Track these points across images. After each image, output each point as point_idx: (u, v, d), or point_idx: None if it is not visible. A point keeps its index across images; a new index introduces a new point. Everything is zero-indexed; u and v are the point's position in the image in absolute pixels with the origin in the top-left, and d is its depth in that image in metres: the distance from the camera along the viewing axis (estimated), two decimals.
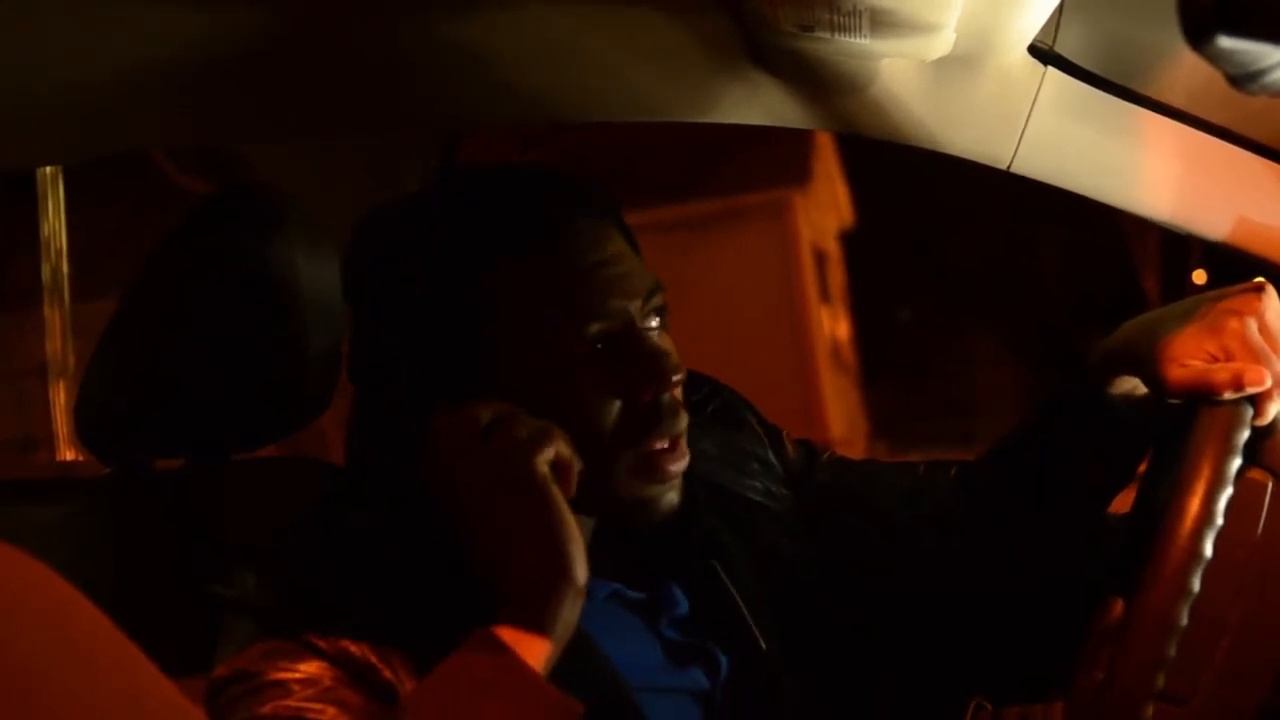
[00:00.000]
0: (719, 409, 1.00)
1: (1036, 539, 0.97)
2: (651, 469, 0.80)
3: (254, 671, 0.71)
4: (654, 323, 0.83)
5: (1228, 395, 0.77)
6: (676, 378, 0.80)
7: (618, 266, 0.81)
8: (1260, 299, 0.81)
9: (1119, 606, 0.76)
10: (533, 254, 0.80)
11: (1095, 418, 0.92)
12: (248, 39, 0.91)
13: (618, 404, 0.79)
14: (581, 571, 0.72)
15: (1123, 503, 0.93)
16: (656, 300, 0.83)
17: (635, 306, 0.81)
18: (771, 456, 1.01)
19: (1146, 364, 0.84)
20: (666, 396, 0.81)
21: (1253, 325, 0.80)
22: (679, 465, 0.81)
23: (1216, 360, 0.80)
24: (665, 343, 0.83)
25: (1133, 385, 0.91)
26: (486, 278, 0.80)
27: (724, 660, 0.86)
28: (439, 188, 0.93)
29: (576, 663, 0.73)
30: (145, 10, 0.85)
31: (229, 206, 1.08)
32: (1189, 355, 0.81)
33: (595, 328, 0.79)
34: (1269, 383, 0.78)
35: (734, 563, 0.90)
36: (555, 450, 0.74)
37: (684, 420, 0.82)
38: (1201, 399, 0.79)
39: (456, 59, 0.95)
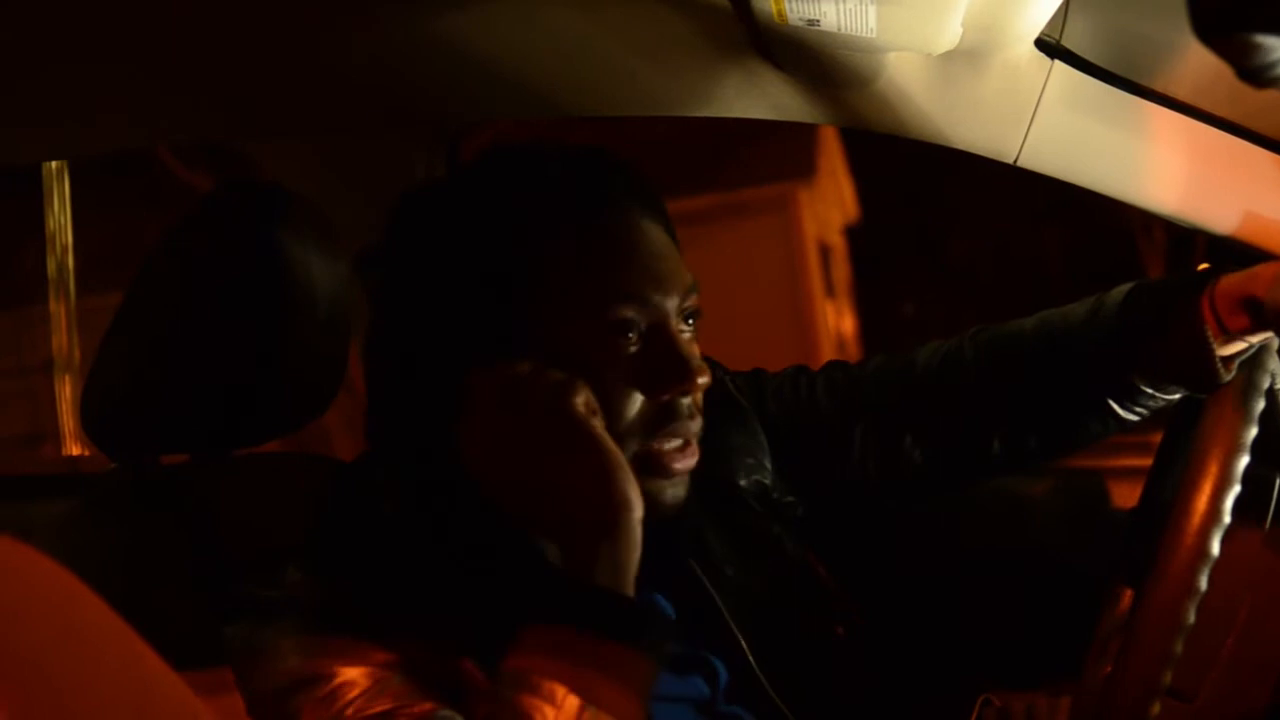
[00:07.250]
0: (721, 400, 0.99)
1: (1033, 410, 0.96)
2: (658, 465, 0.80)
3: (322, 674, 0.70)
4: (686, 325, 0.83)
5: None
6: (702, 381, 0.80)
7: (658, 258, 0.81)
8: None
9: (1127, 598, 0.76)
10: (568, 223, 0.79)
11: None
12: (252, 35, 0.91)
13: (640, 400, 0.79)
14: (636, 497, 0.72)
15: (1131, 497, 0.93)
16: (691, 302, 0.82)
17: (673, 304, 0.81)
18: (767, 462, 1.00)
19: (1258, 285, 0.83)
20: (687, 400, 0.80)
21: None
22: (687, 463, 0.81)
23: None
24: (694, 348, 0.82)
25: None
26: (521, 242, 0.79)
27: (721, 668, 0.86)
28: (479, 163, 0.88)
29: None
30: (149, 6, 0.85)
31: (233, 202, 1.08)
32: None
33: (628, 312, 0.78)
34: None
35: (717, 562, 0.89)
36: (585, 395, 0.75)
37: (699, 423, 0.82)
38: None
39: (459, 56, 0.94)
